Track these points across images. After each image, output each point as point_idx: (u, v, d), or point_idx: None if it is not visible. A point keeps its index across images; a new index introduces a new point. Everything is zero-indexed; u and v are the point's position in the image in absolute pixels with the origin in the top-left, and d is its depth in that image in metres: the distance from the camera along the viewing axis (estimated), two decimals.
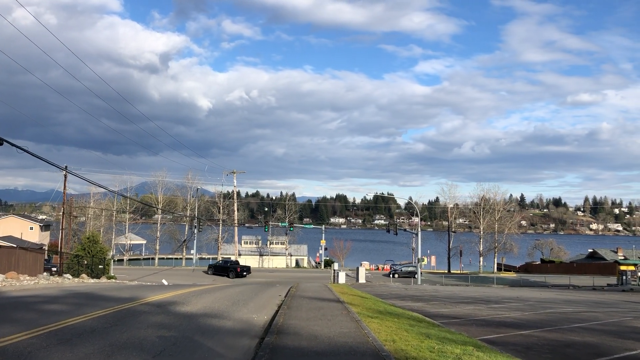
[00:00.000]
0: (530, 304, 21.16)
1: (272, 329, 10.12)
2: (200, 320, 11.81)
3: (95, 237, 53.57)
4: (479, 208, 78.08)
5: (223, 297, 18.29)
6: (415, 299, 24.07)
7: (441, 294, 28.99)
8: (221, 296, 18.49)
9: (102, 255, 51.23)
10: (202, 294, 19.45)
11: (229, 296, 18.60)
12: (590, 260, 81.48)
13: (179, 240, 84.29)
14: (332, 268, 50.31)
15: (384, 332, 9.82)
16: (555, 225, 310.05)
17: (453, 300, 23.87)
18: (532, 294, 28.20)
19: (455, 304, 21.49)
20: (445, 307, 19.44)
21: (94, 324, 10.80)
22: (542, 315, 16.09)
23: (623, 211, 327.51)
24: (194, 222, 74.12)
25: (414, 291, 33.54)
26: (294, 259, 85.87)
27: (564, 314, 16.59)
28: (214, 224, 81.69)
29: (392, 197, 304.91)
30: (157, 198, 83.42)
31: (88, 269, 46.75)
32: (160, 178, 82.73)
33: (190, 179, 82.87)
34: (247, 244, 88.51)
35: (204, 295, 18.74)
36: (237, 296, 18.76)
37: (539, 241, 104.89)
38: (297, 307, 13.76)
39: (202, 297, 18.07)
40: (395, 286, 42.02)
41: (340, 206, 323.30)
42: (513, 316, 15.88)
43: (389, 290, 33.57)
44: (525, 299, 24.14)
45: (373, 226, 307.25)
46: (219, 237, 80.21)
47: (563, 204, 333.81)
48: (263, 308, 14.72)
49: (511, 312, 17.55)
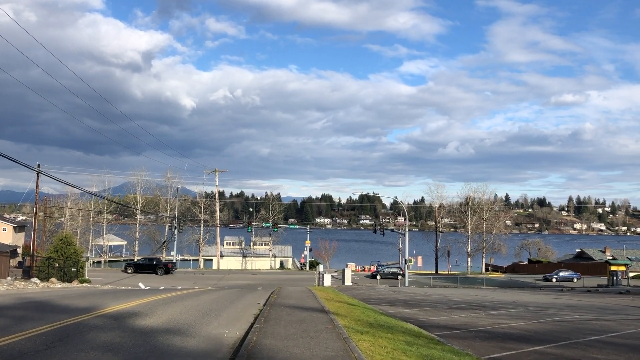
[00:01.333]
0: (530, 310, 19.60)
1: (242, 351, 8.31)
2: (159, 339, 9.95)
3: (68, 238, 50.95)
4: (467, 208, 76.90)
5: (195, 305, 16.42)
6: (406, 305, 22.40)
7: (432, 298, 27.37)
8: (193, 304, 16.62)
9: (75, 257, 48.70)
10: (173, 302, 17.56)
11: (202, 304, 16.73)
12: (578, 260, 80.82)
13: (158, 241, 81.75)
14: (317, 270, 48.53)
15: (378, 356, 8.07)
16: (539, 225, 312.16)
17: (446, 305, 22.25)
18: (527, 298, 26.70)
19: (449, 310, 19.86)
20: (440, 315, 17.78)
21: (26, 345, 8.88)
22: (549, 325, 14.47)
23: (606, 211, 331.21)
24: (174, 222, 71.75)
25: (403, 294, 31.91)
26: (278, 261, 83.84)
27: (572, 323, 15.00)
28: (195, 225, 79.31)
29: (377, 197, 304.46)
30: (136, 198, 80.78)
31: (60, 272, 44.45)
32: (140, 177, 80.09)
33: (170, 177, 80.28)
34: (230, 245, 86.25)
35: (175, 303, 16.86)
36: (211, 304, 16.89)
37: (526, 241, 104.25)
38: (276, 320, 11.94)
39: (171, 305, 16.19)
40: (383, 289, 40.38)
41: (326, 206, 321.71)
42: (517, 326, 14.23)
43: (377, 294, 31.90)
44: (523, 303, 22.61)
45: (359, 226, 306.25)
46: (200, 238, 77.88)
47: (547, 203, 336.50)
48: (237, 320, 12.88)
49: (513, 320, 15.92)
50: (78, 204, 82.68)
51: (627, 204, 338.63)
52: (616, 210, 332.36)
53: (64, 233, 57.90)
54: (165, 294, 21.84)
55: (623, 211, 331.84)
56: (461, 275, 68.01)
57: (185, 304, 16.79)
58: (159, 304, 16.74)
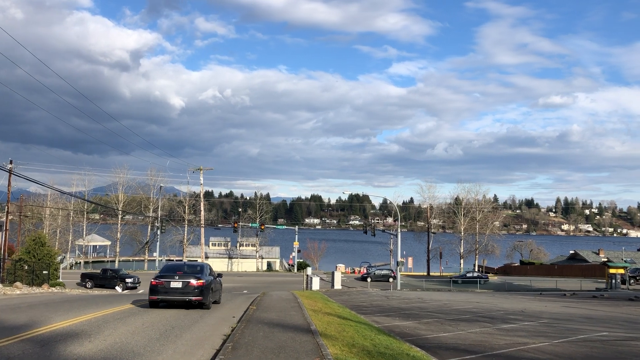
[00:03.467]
0: (546, 323, 17.23)
1: None
2: None
3: (42, 238, 47.81)
4: (460, 208, 74.83)
5: (157, 320, 13.82)
6: (404, 315, 19.95)
7: (430, 306, 24.95)
8: (155, 319, 14.01)
9: (48, 259, 45.58)
10: (134, 315, 14.94)
11: (166, 319, 14.13)
12: (571, 262, 79.19)
13: (141, 241, 78.71)
14: (305, 273, 45.95)
15: None
16: (527, 226, 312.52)
17: (448, 315, 19.83)
18: (535, 306, 24.37)
19: (453, 322, 17.43)
20: (444, 330, 15.34)
21: None
22: (581, 347, 12.06)
23: (593, 212, 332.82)
24: (157, 222, 68.73)
25: (397, 300, 29.47)
26: (265, 262, 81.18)
27: (607, 344, 12.62)
28: (179, 225, 76.38)
29: (367, 198, 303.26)
30: (118, 197, 77.62)
31: (32, 274, 41.57)
32: (122, 176, 76.94)
33: (153, 176, 77.13)
34: (215, 245, 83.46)
35: (134, 317, 14.25)
36: (177, 319, 14.29)
37: (521, 242, 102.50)
38: (248, 347, 9.39)
39: (129, 320, 13.60)
40: (375, 293, 37.93)
41: (315, 207, 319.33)
42: (544, 348, 11.81)
43: (370, 300, 29.43)
44: (534, 314, 20.26)
45: (348, 227, 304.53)
46: (184, 239, 75.00)
47: (535, 204, 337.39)
48: (199, 345, 10.30)
49: (533, 338, 13.51)
50: (58, 202, 79.49)
51: (614, 205, 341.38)
52: (603, 211, 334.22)
53: (37, 233, 54.73)
54: (132, 303, 19.17)
55: (610, 212, 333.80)
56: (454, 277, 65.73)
57: (146, 318, 14.16)
58: (115, 318, 14.12)
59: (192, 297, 16.54)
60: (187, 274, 16.98)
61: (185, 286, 16.56)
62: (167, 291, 16.63)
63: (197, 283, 16.64)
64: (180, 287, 16.57)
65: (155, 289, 16.71)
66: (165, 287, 16.62)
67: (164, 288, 16.64)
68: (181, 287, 16.57)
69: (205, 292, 16.86)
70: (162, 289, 16.64)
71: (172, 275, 17.04)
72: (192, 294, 16.55)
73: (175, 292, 16.59)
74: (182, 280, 16.65)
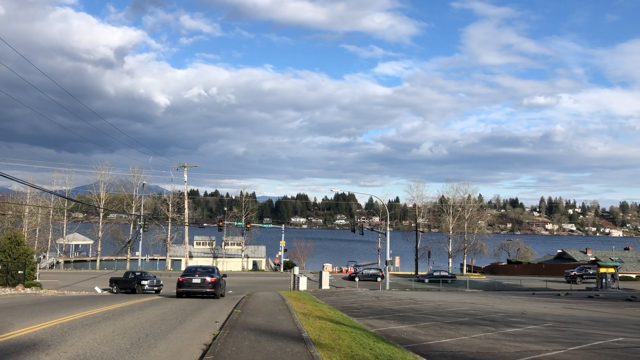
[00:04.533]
0: (552, 326, 16.16)
1: None
2: None
3: (18, 237, 45.91)
4: (448, 207, 74.04)
5: (131, 326, 12.43)
6: (399, 318, 18.77)
7: (424, 307, 23.84)
8: (128, 325, 12.62)
9: (24, 258, 43.68)
10: (105, 320, 13.52)
11: (141, 325, 12.74)
12: (559, 261, 78.89)
13: (123, 240, 76.59)
14: (293, 273, 44.62)
15: None
16: (512, 226, 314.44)
17: (445, 318, 18.70)
18: (535, 307, 23.37)
19: (453, 326, 16.28)
20: (445, 334, 14.17)
21: None
22: (603, 356, 10.97)
23: (577, 212, 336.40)
24: (139, 220, 66.79)
25: (389, 301, 28.33)
26: (251, 261, 79.55)
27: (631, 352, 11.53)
28: (162, 223, 74.43)
29: (353, 197, 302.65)
30: (100, 195, 75.40)
31: (7, 274, 39.79)
32: (104, 172, 74.76)
33: (135, 173, 75.01)
34: (200, 244, 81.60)
35: (105, 323, 12.84)
36: (153, 324, 12.91)
37: (509, 241, 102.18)
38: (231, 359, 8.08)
39: (97, 327, 12.19)
40: (364, 294, 36.77)
41: (301, 206, 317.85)
42: (560, 357, 10.69)
43: (360, 301, 28.24)
44: (536, 316, 19.21)
45: (334, 226, 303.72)
46: (168, 237, 73.10)
47: (520, 204, 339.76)
48: (175, 357, 8.95)
49: (545, 344, 12.39)
50: (37, 200, 77.15)
51: (597, 205, 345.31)
52: (586, 211, 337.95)
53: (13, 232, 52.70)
54: (107, 305, 17.72)
55: (593, 212, 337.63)
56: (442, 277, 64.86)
57: (119, 324, 12.75)
58: (83, 324, 12.68)
59: (207, 289, 23.33)
60: (203, 274, 23.95)
61: (202, 282, 23.43)
62: (190, 285, 23.32)
63: (210, 280, 23.52)
64: (199, 282, 23.44)
65: (182, 284, 23.59)
66: (189, 282, 23.40)
67: (188, 283, 23.39)
68: (200, 282, 23.43)
69: (217, 286, 23.80)
70: (187, 283, 23.38)
71: (193, 274, 24.04)
72: (207, 287, 23.34)
73: (196, 286, 23.40)
74: (200, 278, 23.51)
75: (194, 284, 23.26)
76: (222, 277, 25.66)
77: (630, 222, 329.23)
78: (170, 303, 19.85)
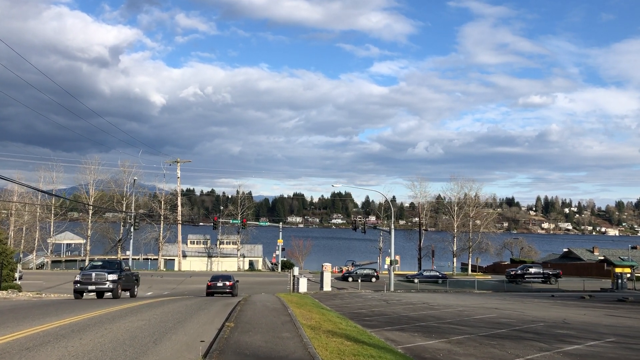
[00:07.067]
0: (615, 341, 13.44)
1: None
2: None
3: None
4: (453, 204, 71.37)
5: (87, 350, 9.57)
6: (421, 329, 15.95)
7: (444, 313, 21.03)
8: (85, 348, 9.75)
9: (2, 258, 40.54)
10: (54, 341, 10.63)
11: (100, 349, 9.86)
12: (565, 261, 76.38)
13: (113, 239, 73.43)
14: (292, 274, 41.71)
15: None
16: (508, 225, 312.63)
17: (477, 329, 15.89)
18: (571, 314, 20.59)
19: (493, 340, 13.47)
20: (491, 355, 11.37)
21: None
22: None
23: (573, 211, 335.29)
24: (129, 219, 63.65)
25: (400, 306, 25.50)
26: (247, 261, 76.60)
27: None
28: (154, 222, 71.35)
29: (349, 196, 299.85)
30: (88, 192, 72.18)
31: None
32: (93, 167, 71.52)
33: (126, 169, 71.74)
34: (194, 244, 78.61)
35: (61, 343, 9.99)
36: (123, 343, 10.05)
37: (514, 240, 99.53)
38: None
39: (52, 347, 9.36)
40: (371, 296, 33.92)
41: (298, 205, 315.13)
42: None
43: (368, 306, 25.40)
44: (583, 326, 16.42)
45: (330, 225, 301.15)
46: (160, 236, 70.03)
47: (516, 203, 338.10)
48: None
49: None
50: (24, 198, 74.01)
51: (593, 204, 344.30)
52: (582, 210, 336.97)
53: None
54: (74, 315, 14.78)
55: (589, 211, 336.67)
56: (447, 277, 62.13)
57: (71, 347, 9.83)
58: (25, 347, 9.78)
59: (227, 290, 33.01)
60: (224, 279, 34.02)
61: (223, 285, 33.29)
62: (216, 287, 33.09)
63: (229, 283, 33.51)
64: (221, 285, 33.28)
65: (210, 287, 33.39)
66: (214, 285, 33.30)
67: (214, 286, 33.23)
68: (222, 285, 33.29)
69: (233, 288, 33.68)
70: (213, 287, 33.19)
71: (217, 279, 34.13)
72: (227, 288, 33.06)
73: (219, 288, 33.10)
74: (222, 282, 33.56)
75: (218, 287, 33.03)
76: (236, 281, 34.96)
77: (626, 221, 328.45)
78: (151, 311, 16.91)
